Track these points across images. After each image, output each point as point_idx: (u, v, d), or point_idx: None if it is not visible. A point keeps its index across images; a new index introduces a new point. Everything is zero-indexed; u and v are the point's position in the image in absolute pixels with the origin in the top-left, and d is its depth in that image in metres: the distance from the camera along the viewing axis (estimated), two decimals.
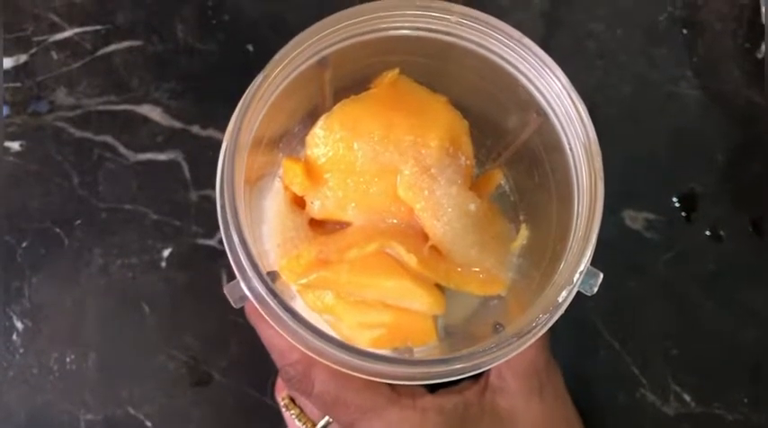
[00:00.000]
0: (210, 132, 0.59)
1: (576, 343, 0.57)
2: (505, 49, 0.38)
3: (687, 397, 0.57)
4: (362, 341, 0.41)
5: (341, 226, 0.43)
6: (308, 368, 0.42)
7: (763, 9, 0.61)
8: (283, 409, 0.49)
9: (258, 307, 0.35)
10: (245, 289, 0.35)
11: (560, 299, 0.35)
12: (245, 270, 0.34)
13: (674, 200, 0.59)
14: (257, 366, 0.54)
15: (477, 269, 0.42)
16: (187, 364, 0.56)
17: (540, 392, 0.45)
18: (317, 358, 0.36)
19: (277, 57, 0.36)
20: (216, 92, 0.59)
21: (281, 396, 0.50)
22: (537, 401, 0.45)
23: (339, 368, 0.36)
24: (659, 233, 0.59)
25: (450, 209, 0.41)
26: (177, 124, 0.59)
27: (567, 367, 0.49)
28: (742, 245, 0.59)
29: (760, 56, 0.62)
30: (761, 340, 0.58)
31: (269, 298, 0.34)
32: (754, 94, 0.61)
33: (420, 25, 0.39)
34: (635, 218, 0.59)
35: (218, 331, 0.56)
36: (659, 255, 0.59)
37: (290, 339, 0.35)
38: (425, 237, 0.41)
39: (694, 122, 0.61)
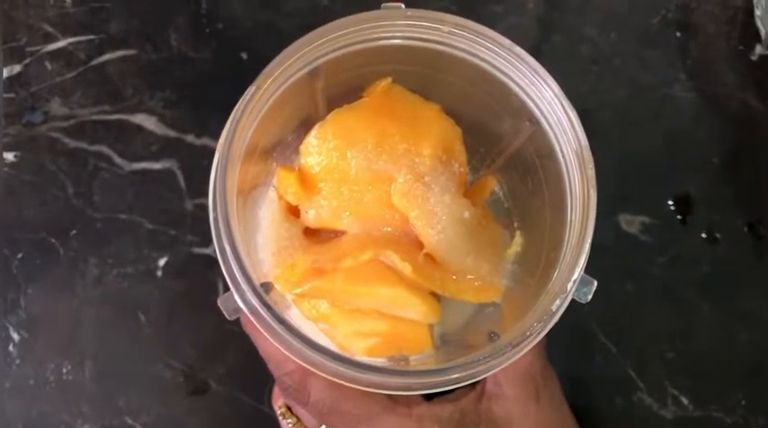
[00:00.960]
0: (205, 141, 0.59)
1: (572, 347, 0.57)
2: (497, 57, 0.38)
3: (685, 400, 0.57)
4: (358, 349, 0.41)
5: (335, 234, 0.43)
6: (303, 377, 0.42)
7: (756, 11, 0.61)
8: (280, 418, 0.50)
9: (252, 319, 0.35)
10: (238, 302, 0.35)
11: (554, 308, 0.35)
12: (239, 282, 0.34)
13: (670, 203, 0.59)
14: (254, 374, 0.54)
15: (472, 276, 0.42)
16: (184, 373, 0.56)
17: (537, 398, 0.45)
18: (312, 369, 0.36)
19: (268, 68, 0.36)
20: (210, 100, 0.59)
21: (278, 404, 0.50)
22: (533, 407, 0.45)
23: (334, 379, 0.35)
24: (655, 236, 0.59)
25: (444, 217, 0.40)
26: (172, 133, 0.59)
27: (564, 371, 0.48)
28: (738, 248, 0.59)
29: (754, 58, 0.62)
30: (758, 342, 0.58)
31: (262, 311, 0.34)
32: (748, 97, 0.61)
33: (412, 35, 0.39)
34: (631, 222, 0.59)
35: (214, 339, 0.56)
36: (655, 259, 0.59)
37: (284, 351, 0.35)
38: (420, 245, 0.41)
39: (689, 125, 0.61)
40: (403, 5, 0.38)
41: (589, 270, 0.37)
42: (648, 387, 0.57)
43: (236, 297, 0.35)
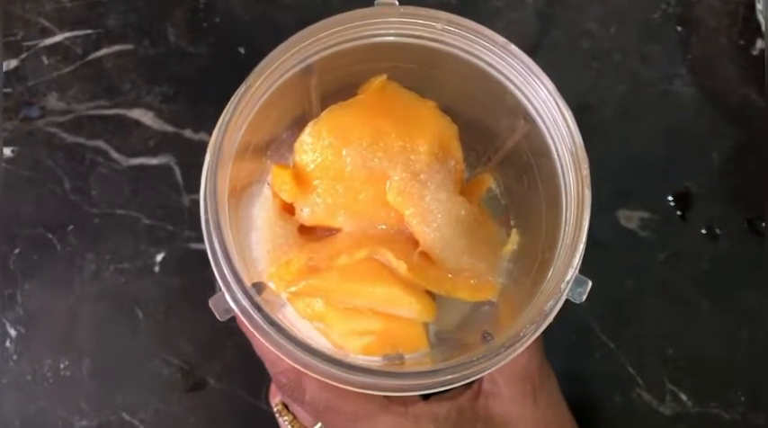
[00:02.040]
0: (203, 136, 0.59)
1: (571, 344, 0.57)
2: (491, 55, 0.38)
3: (684, 397, 0.57)
4: (353, 348, 0.41)
5: (330, 232, 0.42)
6: (299, 375, 0.42)
7: (758, 5, 0.61)
8: (277, 415, 0.49)
9: (244, 320, 0.35)
10: (230, 303, 0.35)
11: (547, 309, 0.35)
12: (230, 284, 0.34)
13: (670, 198, 0.59)
14: (252, 371, 0.53)
15: (467, 274, 0.42)
16: (181, 369, 0.56)
17: (534, 396, 0.45)
18: (304, 371, 0.35)
19: (259, 67, 0.36)
20: (208, 95, 0.59)
21: (275, 401, 0.50)
22: (531, 406, 0.45)
23: (326, 380, 0.35)
24: (654, 232, 0.59)
25: (439, 215, 0.40)
26: (169, 128, 0.59)
27: (562, 368, 0.48)
28: (738, 244, 0.59)
29: (755, 53, 0.62)
30: (757, 338, 0.57)
31: (253, 313, 0.33)
32: (749, 92, 0.61)
33: (406, 32, 0.38)
34: (630, 218, 0.59)
35: (212, 336, 0.56)
36: (654, 255, 0.59)
37: (276, 352, 0.35)
38: (415, 243, 0.41)
39: (689, 120, 0.61)
40: (397, 2, 0.38)
41: (587, 266, 0.36)
42: (647, 383, 0.57)
43: (228, 298, 0.35)
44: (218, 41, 0.61)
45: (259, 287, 0.37)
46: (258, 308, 0.33)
